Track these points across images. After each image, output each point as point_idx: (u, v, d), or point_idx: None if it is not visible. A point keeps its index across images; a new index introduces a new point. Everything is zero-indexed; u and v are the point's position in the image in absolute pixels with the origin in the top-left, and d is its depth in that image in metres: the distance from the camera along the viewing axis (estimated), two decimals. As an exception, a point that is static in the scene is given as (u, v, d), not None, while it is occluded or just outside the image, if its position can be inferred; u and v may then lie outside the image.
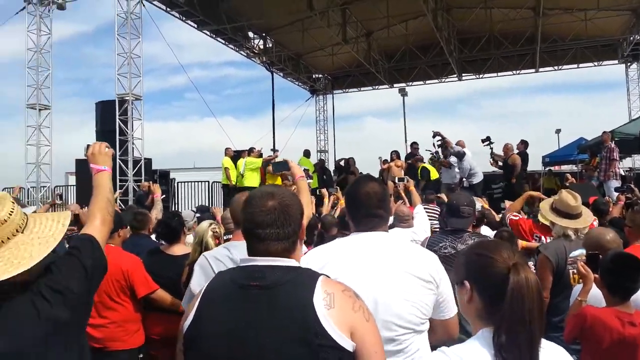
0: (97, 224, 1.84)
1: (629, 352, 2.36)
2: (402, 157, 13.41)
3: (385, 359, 1.46)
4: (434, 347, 2.03)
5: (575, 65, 19.88)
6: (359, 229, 2.08)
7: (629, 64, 19.69)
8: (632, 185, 7.88)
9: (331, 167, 17.21)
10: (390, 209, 2.22)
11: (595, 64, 19.80)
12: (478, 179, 11.10)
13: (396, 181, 6.97)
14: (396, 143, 16.98)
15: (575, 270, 3.16)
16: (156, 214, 4.74)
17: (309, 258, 1.99)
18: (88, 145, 2.07)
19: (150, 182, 8.46)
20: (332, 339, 1.34)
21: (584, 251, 3.07)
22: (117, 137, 12.67)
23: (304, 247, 2.47)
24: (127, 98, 12.96)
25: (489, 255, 1.41)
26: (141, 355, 3.54)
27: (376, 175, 12.96)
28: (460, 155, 10.88)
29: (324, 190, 6.80)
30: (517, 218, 4.84)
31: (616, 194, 7.62)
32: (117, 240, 3.74)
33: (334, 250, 2.05)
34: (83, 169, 12.32)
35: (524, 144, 11.33)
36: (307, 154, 14.84)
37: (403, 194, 6.86)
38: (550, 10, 15.73)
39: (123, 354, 3.43)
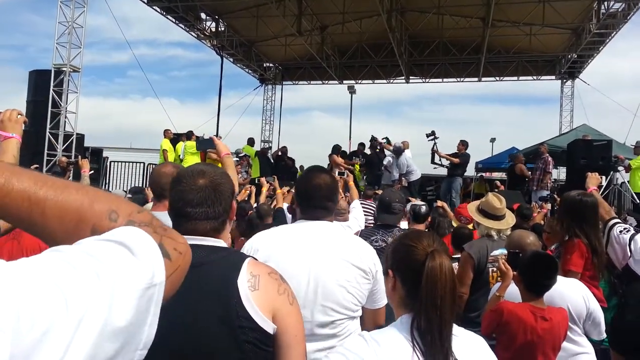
0: None
1: (541, 345, 2.49)
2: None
3: (305, 342, 1.47)
4: None
5: (516, 78, 20.80)
6: (305, 217, 2.12)
7: (564, 80, 20.78)
8: (555, 195, 8.35)
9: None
10: (338, 201, 2.26)
11: (534, 78, 20.80)
12: (415, 177, 11.40)
13: (337, 175, 7.05)
14: (341, 139, 17.11)
15: (495, 269, 3.32)
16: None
17: (255, 241, 2.02)
18: None
19: (79, 156, 8.07)
20: (254, 321, 1.34)
21: (504, 251, 3.23)
22: (50, 109, 11.98)
23: None
24: (64, 69, 12.29)
25: (410, 244, 1.46)
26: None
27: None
28: (398, 152, 11.11)
29: (263, 179, 6.75)
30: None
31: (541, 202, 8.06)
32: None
33: (280, 235, 2.08)
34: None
35: (464, 144, 11.50)
36: (251, 142, 14.71)
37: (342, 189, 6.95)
38: (499, 22, 16.34)
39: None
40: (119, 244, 0.66)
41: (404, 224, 5.26)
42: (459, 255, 4.10)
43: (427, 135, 11.51)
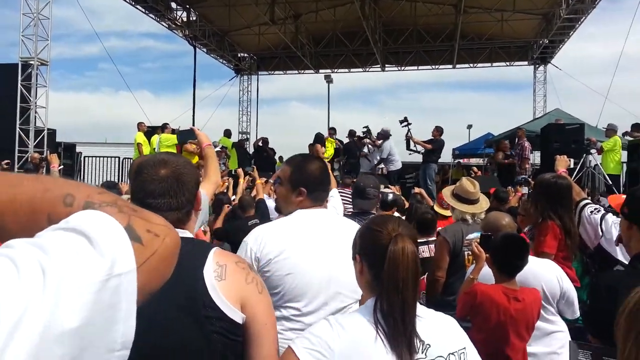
0: None
1: (514, 325, 2.53)
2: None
3: (276, 331, 1.46)
4: None
5: (490, 64, 21.07)
6: (313, 204, 2.10)
7: (537, 65, 21.10)
8: (529, 179, 8.50)
9: (250, 149, 17.05)
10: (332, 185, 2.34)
11: (507, 64, 21.06)
12: (395, 167, 11.47)
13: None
14: (319, 129, 17.10)
15: (470, 252, 3.37)
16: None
17: (263, 234, 1.98)
18: None
19: (47, 152, 7.88)
20: (220, 311, 1.32)
21: (479, 234, 3.27)
22: (18, 103, 11.69)
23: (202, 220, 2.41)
24: (31, 62, 11.96)
25: (376, 229, 1.47)
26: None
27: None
28: (386, 136, 11.22)
29: (240, 170, 6.70)
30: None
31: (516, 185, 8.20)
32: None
33: (290, 228, 2.05)
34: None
35: (438, 130, 11.47)
36: (227, 133, 14.58)
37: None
38: (471, 8, 16.48)
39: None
40: (73, 231, 0.59)
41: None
42: (423, 240, 4.17)
43: (400, 122, 11.52)
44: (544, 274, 2.81)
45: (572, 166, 8.99)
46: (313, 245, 1.98)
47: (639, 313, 1.04)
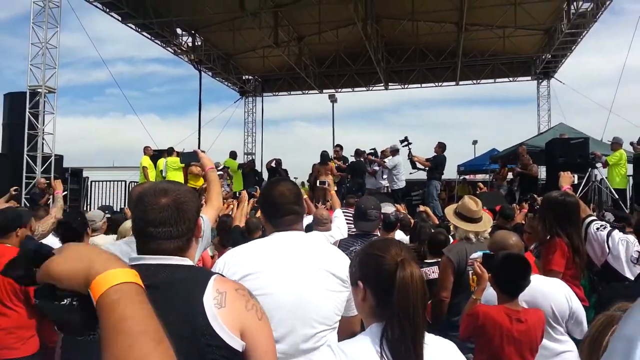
0: None
1: (517, 347, 2.49)
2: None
3: (276, 358, 1.46)
4: None
5: (493, 80, 21.16)
6: (279, 229, 2.10)
7: (540, 80, 21.16)
8: (535, 195, 8.45)
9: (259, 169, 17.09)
10: (304, 208, 2.26)
11: (510, 79, 21.13)
12: (400, 185, 11.47)
13: (317, 184, 7.04)
14: (324, 148, 17.12)
15: (473, 272, 3.33)
16: (55, 212, 4.42)
17: (230, 258, 1.99)
18: None
19: (52, 177, 7.95)
20: (220, 339, 1.32)
21: (481, 253, 3.24)
22: (26, 131, 11.83)
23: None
24: (39, 90, 12.15)
25: (378, 254, 1.46)
26: (34, 364, 3.30)
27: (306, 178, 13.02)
28: (396, 151, 11.34)
29: (244, 193, 6.71)
30: None
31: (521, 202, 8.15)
32: (15, 240, 3.48)
33: (257, 250, 2.05)
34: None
35: (440, 146, 11.48)
36: (233, 155, 14.63)
37: (329, 197, 6.95)
38: (472, 26, 16.61)
39: (14, 362, 3.19)
40: None
41: (398, 234, 5.23)
42: (434, 260, 4.12)
43: (401, 142, 11.63)
44: (552, 293, 2.78)
45: (576, 182, 8.94)
46: (284, 268, 1.94)
47: (599, 339, 1.03)
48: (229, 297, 1.39)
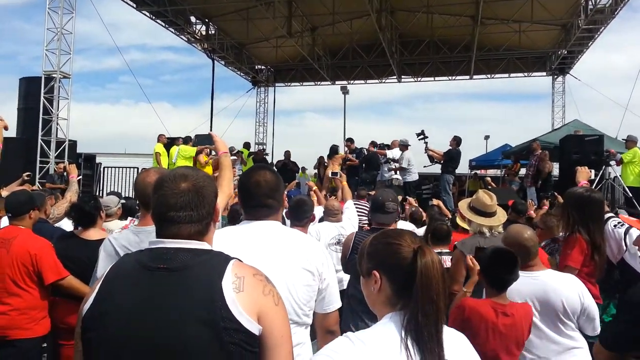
0: None
1: (502, 340, 2.48)
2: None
3: (292, 343, 1.46)
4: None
5: (507, 75, 20.93)
6: (248, 218, 2.07)
7: (555, 76, 20.91)
8: (556, 193, 8.37)
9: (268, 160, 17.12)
10: (283, 199, 2.19)
11: (525, 74, 20.90)
12: (413, 178, 11.42)
13: (330, 175, 7.02)
14: (335, 140, 17.11)
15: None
16: (70, 195, 4.46)
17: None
18: None
19: (67, 162, 8.01)
20: (239, 322, 1.33)
21: None
22: (41, 116, 11.98)
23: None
24: (54, 75, 12.24)
25: (395, 242, 1.45)
26: (45, 345, 3.33)
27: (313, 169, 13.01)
28: (405, 146, 11.28)
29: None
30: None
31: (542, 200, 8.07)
32: (28, 222, 3.52)
33: (223, 238, 1.98)
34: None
35: (456, 140, 11.36)
36: (247, 145, 14.73)
37: (339, 189, 6.93)
38: (488, 19, 16.44)
39: (26, 342, 3.23)
40: None
41: (408, 226, 5.18)
42: (437, 250, 4.11)
43: (417, 135, 11.56)
44: (564, 289, 2.77)
45: (593, 177, 8.84)
46: (245, 257, 1.90)
47: None
48: (247, 282, 1.40)
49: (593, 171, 8.70)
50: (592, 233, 3.42)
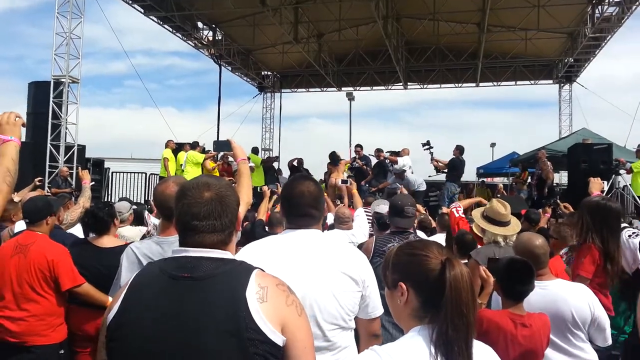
0: None
1: (522, 352, 2.46)
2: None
3: (315, 353, 1.46)
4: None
5: (513, 83, 20.93)
6: (291, 227, 2.11)
7: (562, 84, 20.89)
8: (558, 200, 8.35)
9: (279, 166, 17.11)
10: (324, 209, 2.24)
11: (532, 82, 20.88)
12: (422, 188, 11.43)
13: (339, 183, 7.03)
14: (341, 146, 17.19)
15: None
16: (84, 201, 4.47)
17: (243, 254, 1.98)
18: None
19: (79, 167, 8.05)
20: (263, 333, 1.33)
21: None
22: (50, 120, 12.03)
23: None
24: (63, 80, 12.31)
25: (422, 254, 1.44)
26: (62, 351, 3.34)
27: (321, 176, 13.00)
28: (401, 174, 11.12)
29: (265, 188, 6.72)
30: (458, 215, 4.70)
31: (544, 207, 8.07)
32: (45, 228, 3.52)
33: (268, 247, 2.05)
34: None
35: (459, 149, 11.39)
36: (255, 151, 14.70)
37: (345, 196, 6.93)
38: (494, 27, 16.46)
39: (43, 349, 3.22)
40: None
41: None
42: (464, 261, 4.08)
43: (423, 145, 11.61)
44: (574, 299, 2.75)
45: (605, 188, 8.82)
46: (291, 266, 1.91)
47: None
48: (270, 292, 1.40)
49: (605, 182, 8.67)
50: (606, 242, 3.39)
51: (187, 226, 1.46)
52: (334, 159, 11.79)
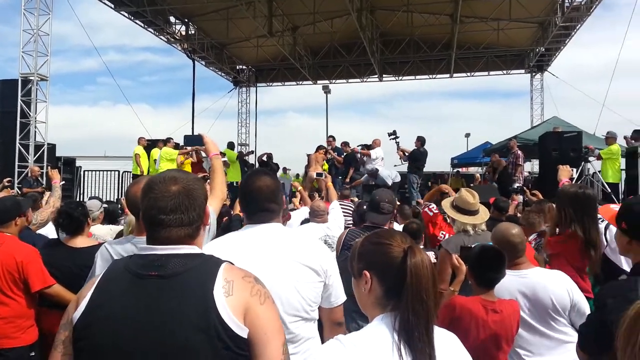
0: None
1: (492, 337, 2.53)
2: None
3: (281, 340, 1.44)
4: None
5: (486, 73, 21.22)
6: (251, 222, 2.11)
7: (534, 73, 21.24)
8: (525, 187, 8.52)
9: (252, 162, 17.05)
10: (282, 202, 2.24)
11: (504, 72, 21.20)
12: (397, 180, 11.52)
13: (314, 176, 7.04)
14: (318, 139, 17.23)
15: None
16: (54, 201, 4.39)
17: (210, 249, 1.97)
18: None
19: (49, 167, 7.88)
20: (229, 327, 1.33)
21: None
22: (18, 119, 11.75)
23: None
24: (31, 78, 12.03)
25: (386, 242, 1.46)
26: (33, 354, 3.29)
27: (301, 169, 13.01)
28: (374, 174, 11.14)
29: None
30: (432, 213, 4.88)
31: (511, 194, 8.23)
32: (14, 229, 3.46)
33: (229, 244, 2.05)
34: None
35: (420, 140, 11.48)
36: (231, 146, 14.60)
37: (323, 189, 6.95)
38: (467, 18, 16.61)
39: (13, 351, 3.18)
40: None
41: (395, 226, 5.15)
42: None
43: (389, 135, 11.73)
44: (552, 285, 2.81)
45: (574, 176, 9.00)
46: (252, 261, 1.89)
47: (635, 327, 1.06)
48: (236, 285, 1.40)
49: (574, 169, 8.84)
50: (588, 229, 3.43)
51: (154, 220, 1.44)
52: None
